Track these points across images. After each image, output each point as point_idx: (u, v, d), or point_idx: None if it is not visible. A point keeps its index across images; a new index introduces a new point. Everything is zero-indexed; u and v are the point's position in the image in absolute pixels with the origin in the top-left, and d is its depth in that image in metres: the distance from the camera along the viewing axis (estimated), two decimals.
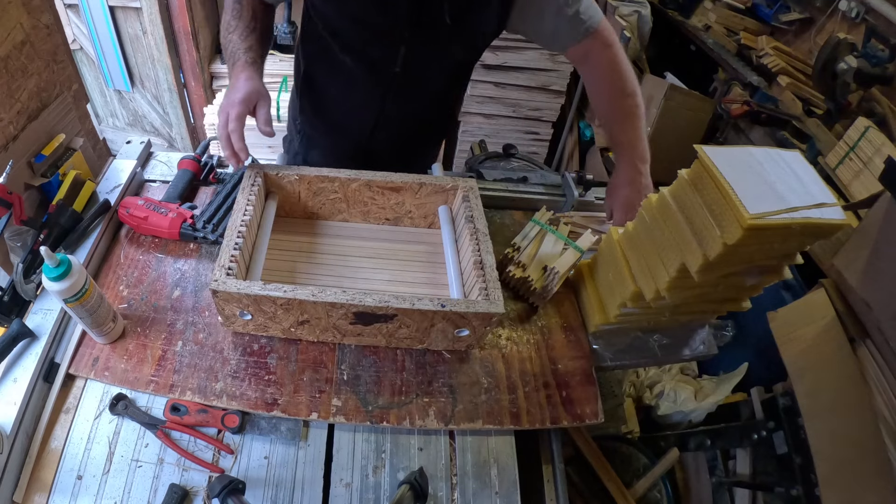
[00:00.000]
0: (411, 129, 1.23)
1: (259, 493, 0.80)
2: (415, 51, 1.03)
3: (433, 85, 1.15)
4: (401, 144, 1.25)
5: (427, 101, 1.19)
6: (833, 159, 1.80)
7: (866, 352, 1.24)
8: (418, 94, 1.14)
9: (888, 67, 1.83)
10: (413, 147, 1.31)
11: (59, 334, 0.90)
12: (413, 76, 1.08)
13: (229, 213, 0.92)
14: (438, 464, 0.86)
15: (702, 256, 0.76)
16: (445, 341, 0.91)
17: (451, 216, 1.06)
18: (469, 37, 1.06)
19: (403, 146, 1.26)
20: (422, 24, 0.99)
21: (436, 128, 1.34)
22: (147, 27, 2.39)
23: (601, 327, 1.00)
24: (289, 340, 0.93)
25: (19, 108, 1.03)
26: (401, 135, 1.23)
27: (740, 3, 2.62)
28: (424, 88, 1.14)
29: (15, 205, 0.94)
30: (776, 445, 1.38)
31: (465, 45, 1.08)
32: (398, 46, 1.03)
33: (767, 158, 0.77)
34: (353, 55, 1.07)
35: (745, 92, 2.29)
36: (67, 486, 0.78)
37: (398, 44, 1.02)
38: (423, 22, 0.98)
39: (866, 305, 1.24)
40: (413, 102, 1.16)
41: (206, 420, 0.84)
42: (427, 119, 1.24)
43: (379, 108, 1.15)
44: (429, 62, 1.08)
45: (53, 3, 1.14)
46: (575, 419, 0.90)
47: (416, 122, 1.22)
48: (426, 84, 1.13)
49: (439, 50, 1.06)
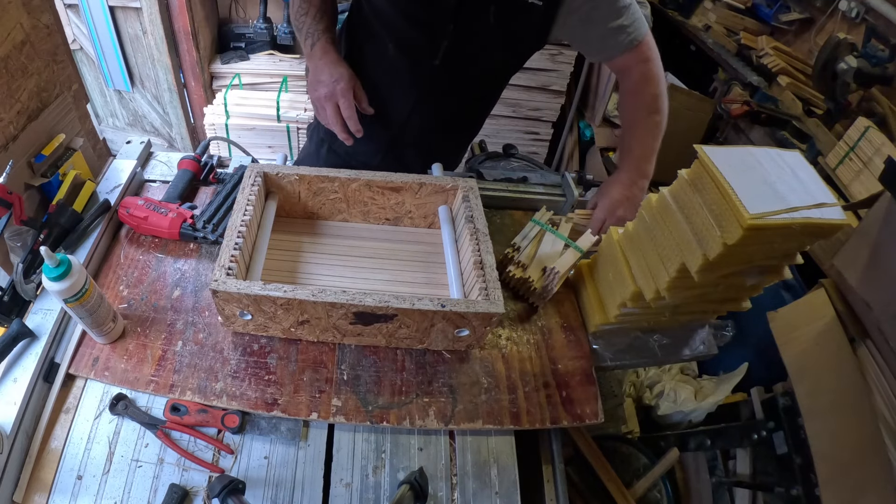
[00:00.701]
0: (443, 126, 1.25)
1: (259, 493, 0.80)
2: (456, 46, 1.05)
3: (470, 84, 1.17)
4: (430, 141, 1.26)
5: (462, 100, 1.21)
6: (833, 159, 1.80)
7: (866, 352, 1.24)
8: (455, 90, 1.16)
9: (888, 67, 1.82)
10: (441, 145, 1.32)
11: (59, 334, 0.90)
12: (452, 71, 1.10)
13: (229, 213, 0.92)
14: (438, 464, 0.86)
15: (702, 256, 0.76)
16: (445, 341, 0.91)
17: (451, 216, 1.06)
18: (511, 41, 1.07)
19: (432, 143, 1.27)
20: (466, 20, 1.00)
21: (466, 129, 1.36)
22: (147, 27, 2.39)
23: (601, 327, 1.00)
24: (289, 340, 0.93)
25: (19, 108, 1.03)
26: (432, 130, 1.24)
27: (740, 3, 2.62)
28: (462, 86, 1.16)
29: (15, 205, 0.94)
30: (776, 445, 1.38)
31: (506, 48, 1.09)
32: (441, 40, 1.04)
33: (767, 158, 0.77)
34: (396, 43, 1.09)
35: (745, 92, 2.29)
36: (67, 486, 0.78)
37: (441, 37, 1.04)
38: (467, 19, 1.00)
39: (866, 305, 1.24)
40: (449, 97, 1.18)
41: (206, 420, 0.84)
42: (459, 118, 1.26)
43: (415, 99, 1.17)
44: (469, 60, 1.09)
45: (53, 3, 1.14)
46: (575, 419, 0.90)
47: (448, 120, 1.24)
48: (464, 82, 1.15)
49: (480, 49, 1.07)
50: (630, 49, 1.05)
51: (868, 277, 1.24)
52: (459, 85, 1.16)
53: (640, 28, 1.05)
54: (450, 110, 1.22)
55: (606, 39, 1.04)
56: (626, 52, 1.06)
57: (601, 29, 1.03)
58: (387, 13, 1.07)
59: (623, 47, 1.05)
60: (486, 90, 1.25)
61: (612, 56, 1.08)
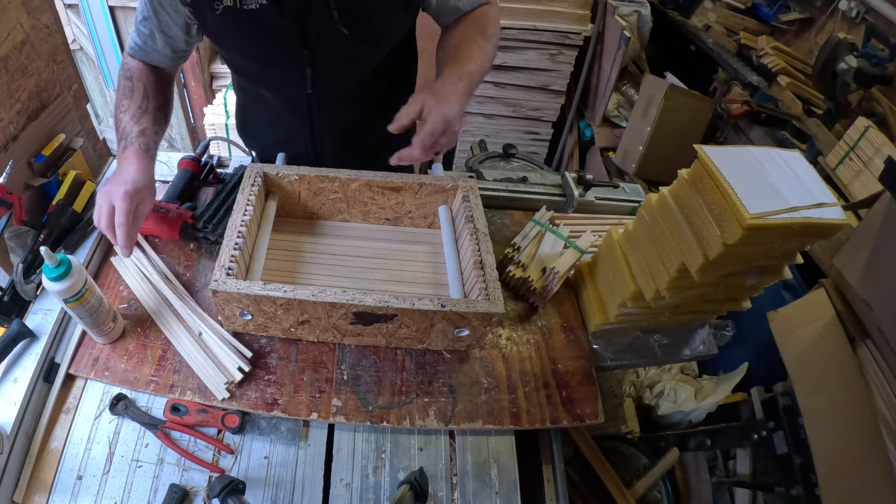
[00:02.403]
0: (359, 127, 1.17)
1: (259, 493, 0.80)
2: (320, 67, 1.00)
3: (360, 90, 1.09)
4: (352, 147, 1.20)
5: (359, 105, 1.12)
6: (833, 159, 1.80)
7: (866, 352, 1.24)
8: (343, 103, 1.10)
9: (888, 67, 1.82)
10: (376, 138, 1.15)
11: (59, 334, 0.90)
12: (329, 90, 1.05)
13: (229, 213, 0.92)
14: (438, 464, 0.86)
15: (702, 256, 0.76)
16: (445, 341, 0.91)
17: (451, 216, 1.06)
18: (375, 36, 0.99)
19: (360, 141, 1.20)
20: (317, 41, 0.95)
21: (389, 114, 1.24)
22: None
23: (601, 327, 1.00)
24: (289, 340, 0.93)
25: (19, 108, 1.03)
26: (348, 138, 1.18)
27: (740, 3, 2.62)
28: (348, 96, 1.09)
29: (15, 205, 0.94)
30: (776, 445, 1.38)
31: (374, 44, 1.01)
32: (303, 69, 1.00)
33: (767, 158, 0.77)
34: (267, 88, 1.08)
35: (745, 92, 2.29)
36: (67, 486, 0.78)
37: (302, 67, 0.99)
38: (318, 39, 0.94)
39: (866, 305, 1.24)
40: (342, 111, 1.12)
41: (206, 420, 0.84)
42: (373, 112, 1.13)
43: (310, 130, 1.13)
44: (343, 73, 1.03)
45: (53, 3, 1.14)
46: (575, 419, 0.90)
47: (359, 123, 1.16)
48: (348, 91, 1.08)
49: (347, 59, 1.01)
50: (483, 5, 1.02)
51: (868, 277, 1.24)
52: (345, 96, 1.09)
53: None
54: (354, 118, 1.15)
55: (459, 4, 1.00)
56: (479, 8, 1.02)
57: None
58: (245, 66, 1.06)
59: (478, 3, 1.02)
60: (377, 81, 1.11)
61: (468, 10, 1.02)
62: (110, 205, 0.84)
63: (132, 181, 0.85)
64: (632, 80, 2.74)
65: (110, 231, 0.85)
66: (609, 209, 1.25)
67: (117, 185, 0.84)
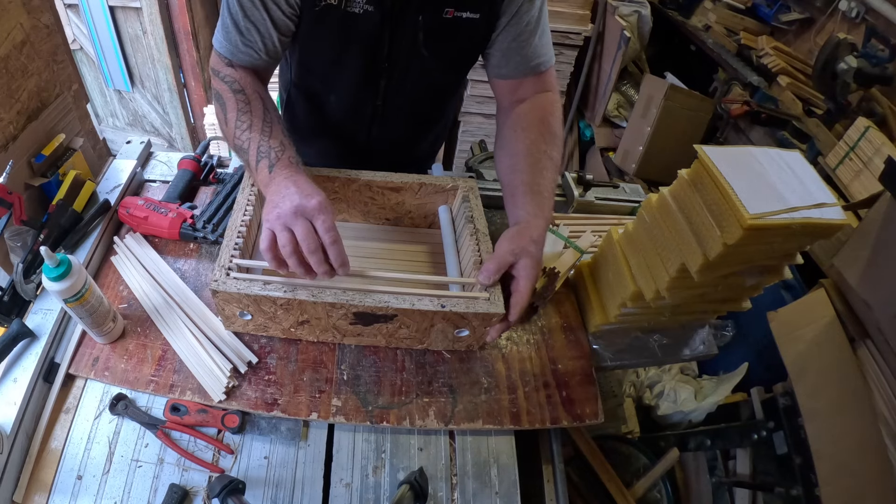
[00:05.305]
0: (406, 140, 1.21)
1: (259, 493, 0.80)
2: (395, 80, 1.01)
3: (420, 106, 1.12)
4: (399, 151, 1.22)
5: (413, 119, 1.15)
6: (833, 159, 1.80)
7: (866, 352, 1.24)
8: (403, 116, 1.11)
9: (888, 67, 1.83)
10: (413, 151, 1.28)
11: (59, 334, 0.90)
12: (396, 104, 1.07)
13: (229, 213, 0.92)
14: (438, 464, 0.86)
15: (702, 256, 0.76)
16: (445, 341, 0.91)
17: (451, 216, 1.06)
18: (449, 61, 1.01)
19: (402, 153, 1.24)
20: (398, 56, 0.96)
21: (435, 131, 1.30)
22: (147, 27, 2.39)
23: (601, 327, 1.00)
24: (289, 340, 0.93)
25: (19, 108, 1.03)
26: (397, 144, 1.20)
27: (740, 3, 2.62)
28: (409, 110, 1.11)
29: (15, 205, 0.94)
30: (776, 445, 1.38)
31: (448, 68, 1.04)
32: (378, 80, 1.01)
33: (767, 158, 0.77)
34: (336, 94, 1.07)
35: (745, 92, 2.30)
36: (67, 486, 0.78)
37: (379, 77, 1.00)
38: (399, 54, 0.96)
39: (866, 305, 1.24)
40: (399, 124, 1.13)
41: (206, 420, 0.84)
42: (422, 129, 1.22)
43: (367, 138, 1.14)
44: (411, 89, 1.05)
45: (53, 3, 1.14)
46: (575, 419, 0.90)
47: (412, 130, 1.20)
48: (409, 106, 1.10)
49: (420, 77, 1.02)
50: (534, 74, 0.98)
51: (868, 277, 1.24)
52: (408, 110, 1.10)
53: (549, 55, 0.99)
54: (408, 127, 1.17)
55: (513, 55, 0.96)
56: (528, 77, 0.98)
57: (512, 41, 0.95)
58: (320, 70, 1.03)
59: (529, 71, 0.97)
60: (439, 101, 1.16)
61: (515, 75, 0.98)
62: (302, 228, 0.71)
63: (315, 192, 0.74)
64: (632, 80, 2.75)
65: (315, 256, 0.71)
66: (609, 209, 1.25)
67: (296, 203, 0.72)
